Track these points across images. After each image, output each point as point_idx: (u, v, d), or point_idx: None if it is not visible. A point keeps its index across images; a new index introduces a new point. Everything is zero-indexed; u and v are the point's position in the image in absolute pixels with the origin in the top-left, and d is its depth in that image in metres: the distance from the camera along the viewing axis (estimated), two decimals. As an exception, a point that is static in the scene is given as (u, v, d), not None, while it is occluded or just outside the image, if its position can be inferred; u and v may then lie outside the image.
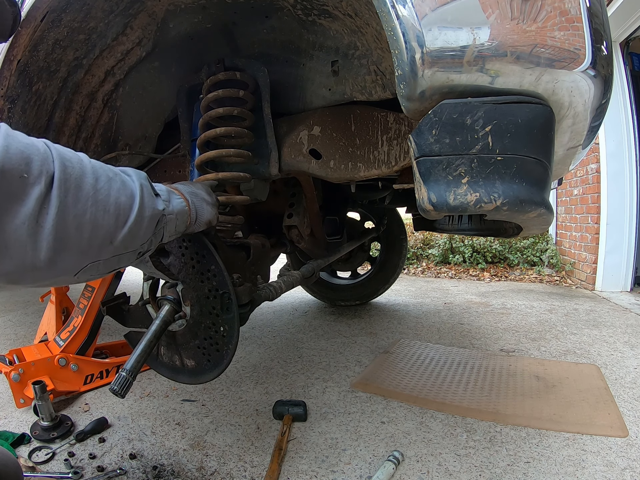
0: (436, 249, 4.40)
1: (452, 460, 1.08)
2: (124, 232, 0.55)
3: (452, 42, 0.60)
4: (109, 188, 0.53)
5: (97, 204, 0.51)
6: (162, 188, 0.68)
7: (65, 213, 0.47)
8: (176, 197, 0.70)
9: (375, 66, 0.91)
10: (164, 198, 0.66)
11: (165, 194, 0.67)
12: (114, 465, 1.08)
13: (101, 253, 0.53)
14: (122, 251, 0.57)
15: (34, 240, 0.45)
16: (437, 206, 0.65)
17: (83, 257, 0.51)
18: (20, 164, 0.43)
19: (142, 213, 0.58)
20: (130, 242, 0.57)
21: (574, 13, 0.63)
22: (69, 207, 0.47)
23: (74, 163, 0.49)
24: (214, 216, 0.82)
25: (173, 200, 0.69)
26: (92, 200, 0.50)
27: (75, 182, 0.49)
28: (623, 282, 3.13)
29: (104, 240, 0.53)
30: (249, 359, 1.85)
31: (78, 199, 0.49)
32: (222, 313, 0.89)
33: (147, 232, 0.60)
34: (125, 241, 0.56)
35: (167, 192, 0.68)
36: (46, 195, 0.45)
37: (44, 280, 0.50)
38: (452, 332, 2.19)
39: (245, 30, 1.04)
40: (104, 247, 0.53)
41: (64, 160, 0.48)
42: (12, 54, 0.90)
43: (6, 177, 0.42)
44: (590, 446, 1.12)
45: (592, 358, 1.76)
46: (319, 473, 1.05)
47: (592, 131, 0.78)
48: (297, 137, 1.08)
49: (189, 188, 0.78)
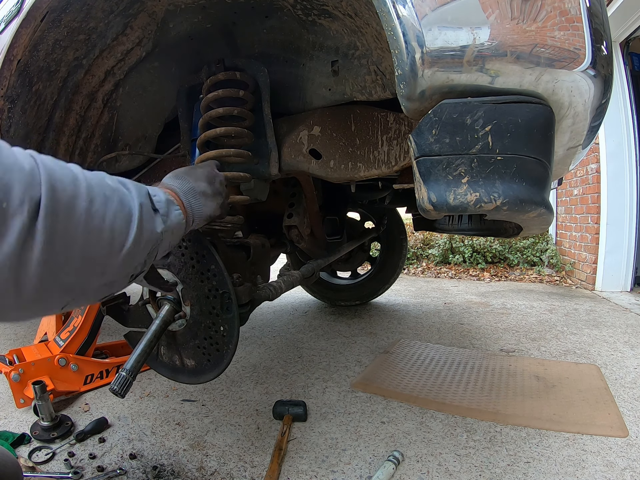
0: (436, 249, 4.39)
1: (452, 460, 1.08)
2: (117, 262, 0.49)
3: (452, 42, 0.60)
4: (104, 211, 0.46)
5: (90, 232, 0.44)
6: (161, 199, 0.61)
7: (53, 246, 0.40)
8: (174, 209, 0.64)
9: (375, 66, 0.91)
10: (163, 212, 0.59)
11: (164, 207, 0.60)
12: (114, 465, 1.08)
13: (90, 284, 0.48)
14: (114, 279, 0.52)
15: (17, 281, 0.39)
16: (437, 206, 0.65)
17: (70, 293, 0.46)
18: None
19: (139, 239, 0.51)
20: (124, 270, 0.52)
21: (574, 13, 0.63)
22: (56, 239, 0.41)
23: (65, 184, 0.42)
24: (214, 208, 0.75)
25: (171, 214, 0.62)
26: (83, 227, 0.43)
27: (65, 207, 0.42)
28: (623, 282, 3.12)
29: (93, 272, 0.47)
30: (249, 359, 1.85)
31: (68, 228, 0.42)
32: (222, 313, 0.89)
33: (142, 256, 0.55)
34: (118, 269, 0.50)
35: (165, 203, 0.61)
36: (30, 227, 0.38)
37: (27, 316, 0.45)
38: (452, 332, 2.19)
39: (245, 30, 1.04)
40: (93, 278, 0.48)
41: (53, 182, 0.41)
42: (12, 54, 0.89)
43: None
44: (590, 446, 1.12)
45: (592, 358, 1.76)
46: (319, 473, 1.05)
47: (592, 131, 0.78)
48: (297, 137, 1.08)
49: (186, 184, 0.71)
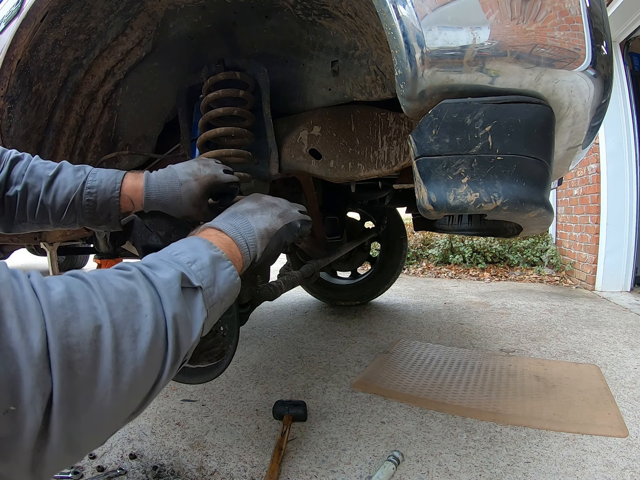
0: (436, 249, 4.40)
1: (452, 460, 1.08)
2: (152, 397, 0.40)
3: (452, 42, 0.60)
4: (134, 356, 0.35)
5: (118, 390, 0.35)
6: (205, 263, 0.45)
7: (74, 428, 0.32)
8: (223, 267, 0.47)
9: (375, 66, 0.91)
10: (206, 284, 0.44)
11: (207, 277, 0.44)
12: (114, 465, 1.08)
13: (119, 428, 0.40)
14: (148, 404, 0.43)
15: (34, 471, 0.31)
16: (437, 206, 0.65)
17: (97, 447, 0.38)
18: (4, 394, 0.27)
19: (177, 359, 0.41)
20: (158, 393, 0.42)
21: (574, 13, 0.63)
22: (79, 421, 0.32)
23: (83, 349, 0.32)
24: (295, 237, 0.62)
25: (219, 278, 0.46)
26: (111, 390, 0.34)
27: (84, 383, 0.32)
28: (623, 282, 3.12)
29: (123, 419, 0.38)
30: (249, 359, 1.85)
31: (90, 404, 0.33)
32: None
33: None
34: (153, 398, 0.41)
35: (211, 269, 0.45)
36: (44, 421, 0.30)
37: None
38: (452, 332, 2.19)
39: (245, 30, 1.04)
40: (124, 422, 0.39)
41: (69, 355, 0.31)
42: (12, 54, 0.89)
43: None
44: (590, 446, 1.12)
45: (592, 358, 1.76)
46: (319, 473, 1.05)
47: (592, 131, 0.78)
48: (297, 137, 1.08)
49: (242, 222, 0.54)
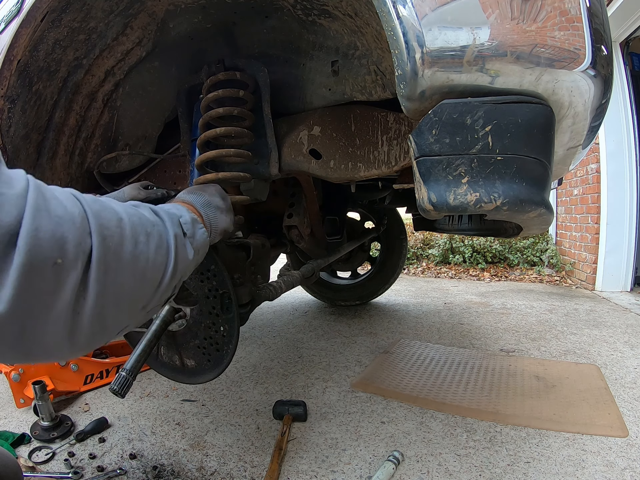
0: (436, 249, 4.39)
1: (452, 460, 1.08)
2: (158, 295, 0.50)
3: (452, 42, 0.60)
4: (147, 250, 0.47)
5: (136, 273, 0.45)
6: (187, 220, 0.60)
7: (105, 294, 0.41)
8: (199, 227, 0.63)
9: (375, 66, 0.91)
10: (190, 234, 0.59)
11: (191, 228, 0.60)
12: (114, 465, 1.09)
13: (133, 320, 0.50)
14: (153, 308, 0.53)
15: (72, 333, 0.39)
16: (437, 206, 0.65)
17: (115, 332, 0.47)
18: (54, 249, 0.35)
19: (176, 269, 0.52)
20: (162, 299, 0.53)
21: (574, 13, 0.63)
22: (108, 287, 0.41)
23: (112, 229, 0.42)
24: (229, 223, 0.76)
25: (197, 234, 0.62)
26: (130, 270, 0.44)
27: (114, 254, 0.42)
28: (623, 282, 3.12)
29: (137, 309, 0.48)
30: (249, 359, 1.85)
31: (117, 276, 0.42)
32: (222, 313, 0.89)
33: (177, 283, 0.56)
34: (157, 301, 0.52)
35: (192, 224, 0.61)
36: (83, 279, 0.38)
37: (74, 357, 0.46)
38: (452, 332, 2.19)
39: (245, 30, 1.04)
40: (137, 314, 0.49)
41: (102, 230, 0.41)
42: (12, 54, 0.89)
43: (37, 270, 0.34)
44: (590, 446, 1.12)
45: (592, 358, 1.76)
46: (319, 473, 1.05)
47: (592, 131, 0.78)
48: (297, 137, 1.08)
49: (201, 198, 0.71)
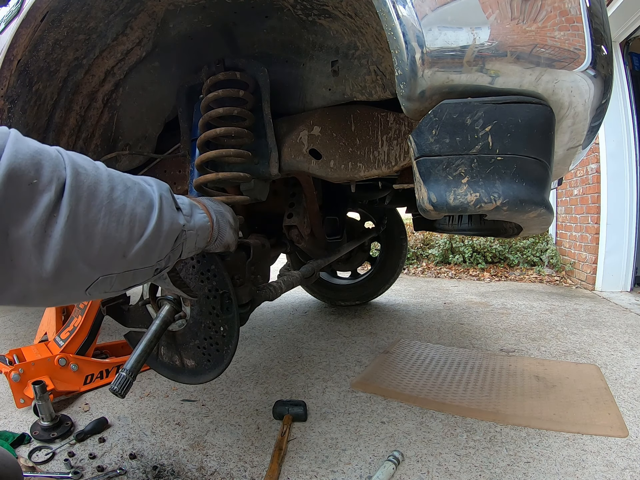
0: (436, 249, 4.39)
1: (452, 460, 1.08)
2: (138, 246, 0.51)
3: (452, 42, 0.60)
4: (125, 198, 0.50)
5: (111, 214, 0.48)
6: (185, 201, 0.66)
7: (76, 222, 0.44)
8: (199, 212, 0.68)
9: (375, 66, 0.91)
10: (186, 212, 0.63)
11: (187, 208, 0.64)
12: (114, 465, 1.09)
13: (113, 267, 0.50)
14: (137, 266, 0.54)
15: (40, 250, 0.42)
16: (437, 206, 0.65)
17: (92, 270, 0.48)
18: (30, 170, 0.40)
19: (160, 226, 0.54)
20: (146, 257, 0.54)
21: (574, 13, 0.63)
22: (79, 217, 0.44)
23: (88, 170, 0.47)
24: (233, 241, 0.79)
25: (195, 215, 0.66)
26: (105, 210, 0.47)
27: (88, 190, 0.46)
28: (623, 282, 3.12)
29: (115, 253, 0.49)
30: (249, 359, 1.85)
31: (90, 208, 0.46)
32: (222, 313, 0.89)
33: (165, 248, 0.57)
34: (140, 255, 0.52)
35: (189, 205, 0.66)
36: (56, 203, 0.42)
37: (53, 296, 0.47)
38: (452, 332, 2.19)
39: (245, 30, 1.04)
40: (116, 260, 0.50)
41: (76, 167, 0.45)
42: (12, 54, 0.89)
43: (14, 183, 0.39)
44: (590, 446, 1.12)
45: (592, 358, 1.76)
46: (319, 473, 1.05)
47: (592, 131, 0.78)
48: (297, 137, 1.08)
49: (216, 206, 0.77)
